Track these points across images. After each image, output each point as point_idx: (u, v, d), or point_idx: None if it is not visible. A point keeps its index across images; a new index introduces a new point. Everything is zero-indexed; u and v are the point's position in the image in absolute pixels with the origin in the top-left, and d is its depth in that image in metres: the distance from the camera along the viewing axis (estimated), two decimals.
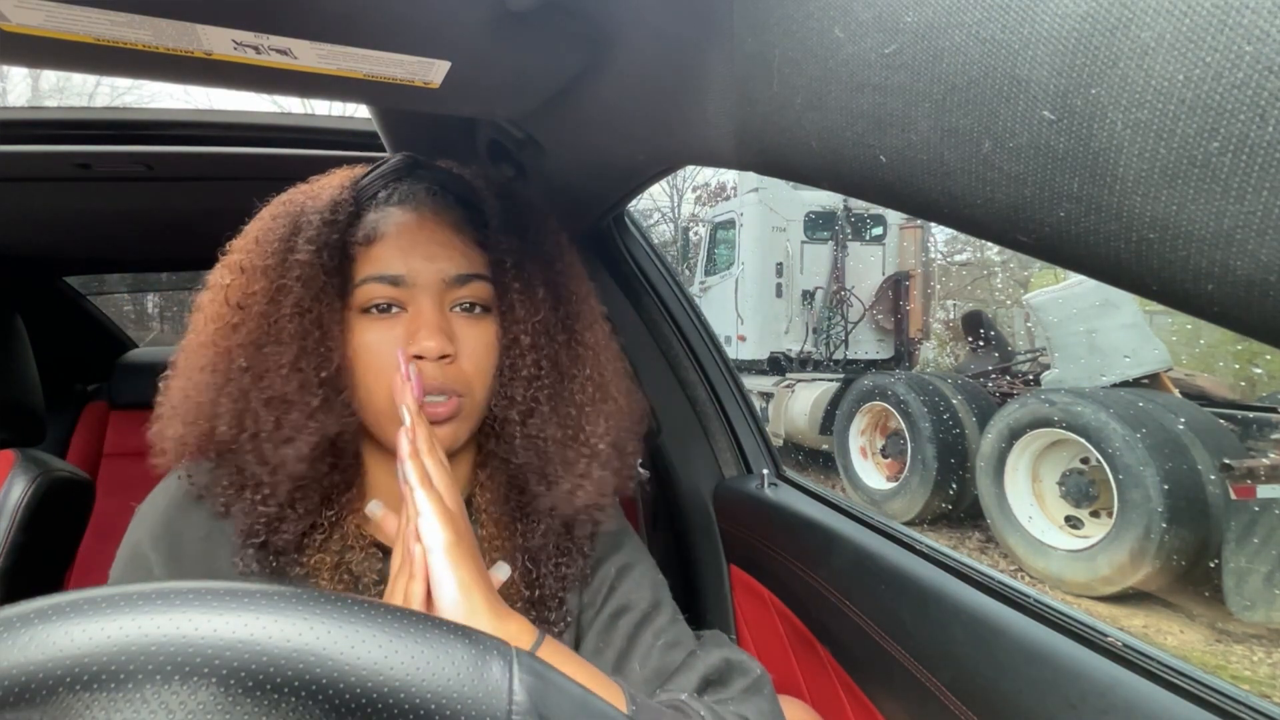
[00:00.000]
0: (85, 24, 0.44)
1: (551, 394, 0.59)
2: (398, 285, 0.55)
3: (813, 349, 6.71)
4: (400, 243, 0.56)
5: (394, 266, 0.55)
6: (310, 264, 0.55)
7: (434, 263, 0.56)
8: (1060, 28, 0.24)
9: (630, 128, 0.61)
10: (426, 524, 0.45)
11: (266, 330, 0.54)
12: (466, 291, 0.57)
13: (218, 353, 0.55)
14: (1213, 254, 0.22)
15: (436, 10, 0.46)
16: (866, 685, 0.74)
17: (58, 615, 0.25)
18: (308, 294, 0.54)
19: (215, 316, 0.57)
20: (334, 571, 0.57)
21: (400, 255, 0.56)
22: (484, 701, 0.26)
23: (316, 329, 0.54)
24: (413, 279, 0.55)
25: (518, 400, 0.58)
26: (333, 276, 0.56)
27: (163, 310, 13.43)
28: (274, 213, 0.60)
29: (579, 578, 0.63)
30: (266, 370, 0.54)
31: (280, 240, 0.57)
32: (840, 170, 0.37)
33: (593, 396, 0.61)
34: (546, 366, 0.59)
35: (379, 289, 0.55)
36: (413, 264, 0.56)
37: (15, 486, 1.03)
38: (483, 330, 0.58)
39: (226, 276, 0.58)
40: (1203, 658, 3.05)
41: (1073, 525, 3.86)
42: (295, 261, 0.55)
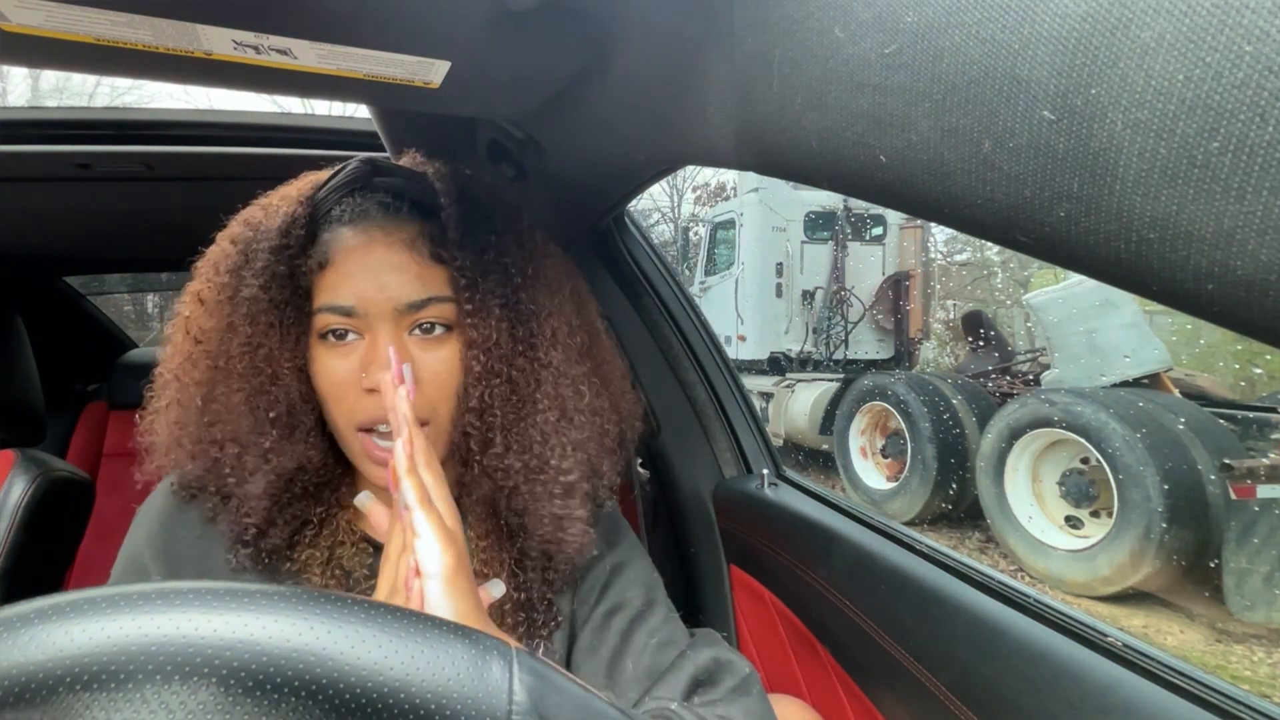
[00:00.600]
0: (85, 24, 0.44)
1: (508, 423, 0.56)
2: (350, 315, 0.53)
3: (813, 349, 6.71)
4: (349, 269, 0.53)
5: (344, 297, 0.53)
6: (256, 300, 0.53)
7: (384, 291, 0.53)
8: (1060, 28, 0.24)
9: (630, 128, 0.61)
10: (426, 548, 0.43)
11: (218, 369, 0.54)
12: (423, 315, 0.54)
13: (180, 388, 0.55)
14: (1213, 254, 0.22)
15: (436, 10, 0.46)
16: (866, 685, 0.74)
17: (58, 615, 0.25)
18: (256, 331, 0.53)
19: (178, 349, 0.57)
20: (325, 567, 0.56)
21: (350, 284, 0.53)
22: (484, 701, 0.26)
23: (267, 366, 0.53)
24: (364, 308, 0.53)
25: (472, 430, 0.56)
26: (284, 309, 0.54)
27: (163, 310, 13.41)
28: (230, 235, 0.58)
29: (568, 581, 0.62)
30: (220, 410, 0.54)
31: (230, 272, 0.55)
32: (840, 170, 0.37)
33: (555, 425, 0.57)
34: (503, 393, 0.56)
35: (332, 319, 0.54)
36: (363, 293, 0.53)
37: (15, 486, 1.03)
38: (444, 351, 0.55)
39: (188, 307, 0.58)
40: (1203, 658, 3.05)
41: (1073, 525, 3.86)
42: (243, 298, 0.54)
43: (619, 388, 0.67)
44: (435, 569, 0.43)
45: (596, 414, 0.61)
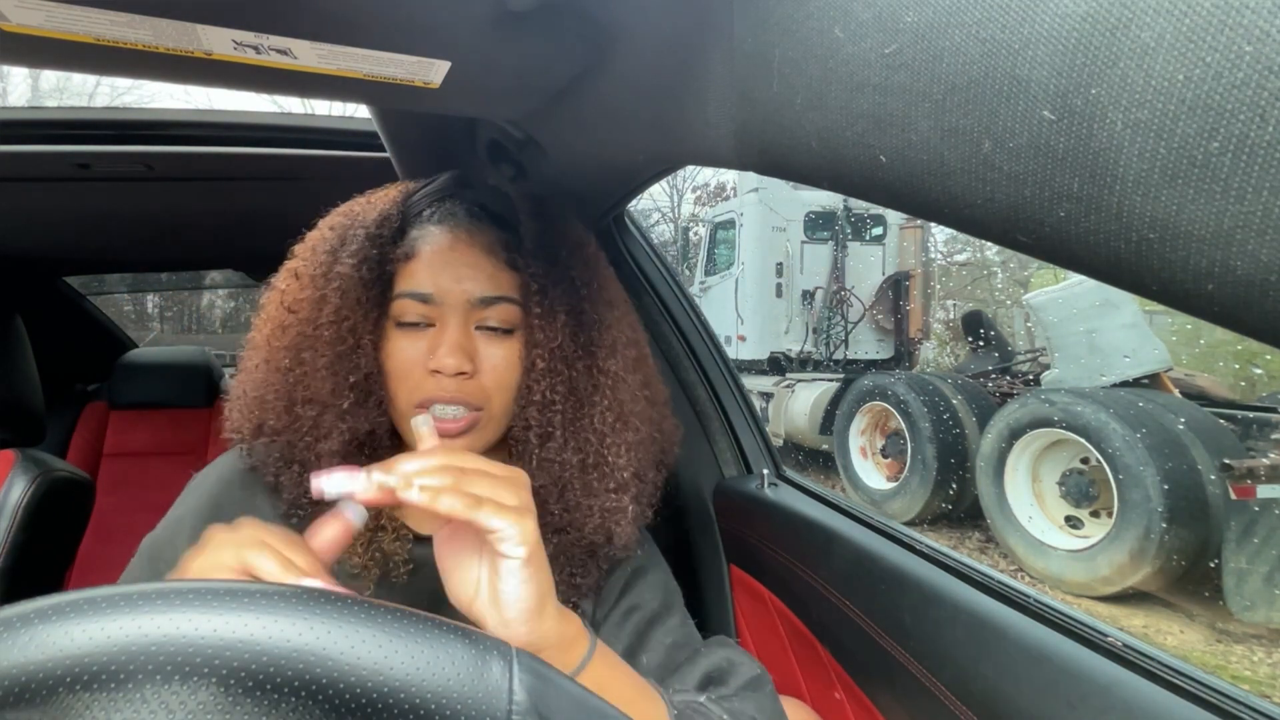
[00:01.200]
0: (85, 24, 0.44)
1: (567, 419, 0.60)
2: (427, 303, 0.59)
3: (813, 349, 6.71)
4: (433, 262, 0.59)
5: (424, 285, 0.59)
6: (349, 276, 0.59)
7: (461, 284, 0.59)
8: (1060, 28, 0.24)
9: (630, 128, 0.61)
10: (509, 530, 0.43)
11: (307, 335, 0.59)
12: (492, 313, 0.59)
13: (269, 352, 0.61)
14: (1213, 254, 0.22)
15: (436, 10, 0.46)
16: (866, 685, 0.74)
17: (58, 615, 0.25)
18: (345, 304, 0.58)
19: (271, 318, 0.62)
20: (367, 548, 0.60)
21: (431, 274, 0.59)
22: (484, 701, 0.26)
23: (350, 337, 0.58)
24: (441, 298, 0.58)
25: (533, 423, 0.60)
26: (370, 288, 0.59)
27: (163, 310, 13.45)
28: (330, 223, 0.65)
29: (593, 588, 0.64)
30: (305, 372, 0.59)
31: (328, 252, 0.61)
32: (840, 170, 0.37)
33: (613, 425, 0.61)
34: (563, 391, 0.60)
35: (410, 305, 0.59)
36: (442, 284, 0.59)
37: (15, 486, 1.03)
38: (506, 349, 0.60)
39: (284, 280, 0.64)
40: (1203, 658, 3.05)
41: (1073, 525, 3.86)
42: (337, 273, 0.59)
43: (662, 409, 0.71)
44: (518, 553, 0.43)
45: (647, 422, 0.65)
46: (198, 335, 13.13)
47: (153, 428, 2.03)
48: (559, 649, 0.46)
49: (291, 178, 1.17)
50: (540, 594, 0.44)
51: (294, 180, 1.18)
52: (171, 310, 13.60)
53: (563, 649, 0.46)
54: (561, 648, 0.46)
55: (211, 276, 3.38)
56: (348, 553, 0.60)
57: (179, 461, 2.02)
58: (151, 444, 2.02)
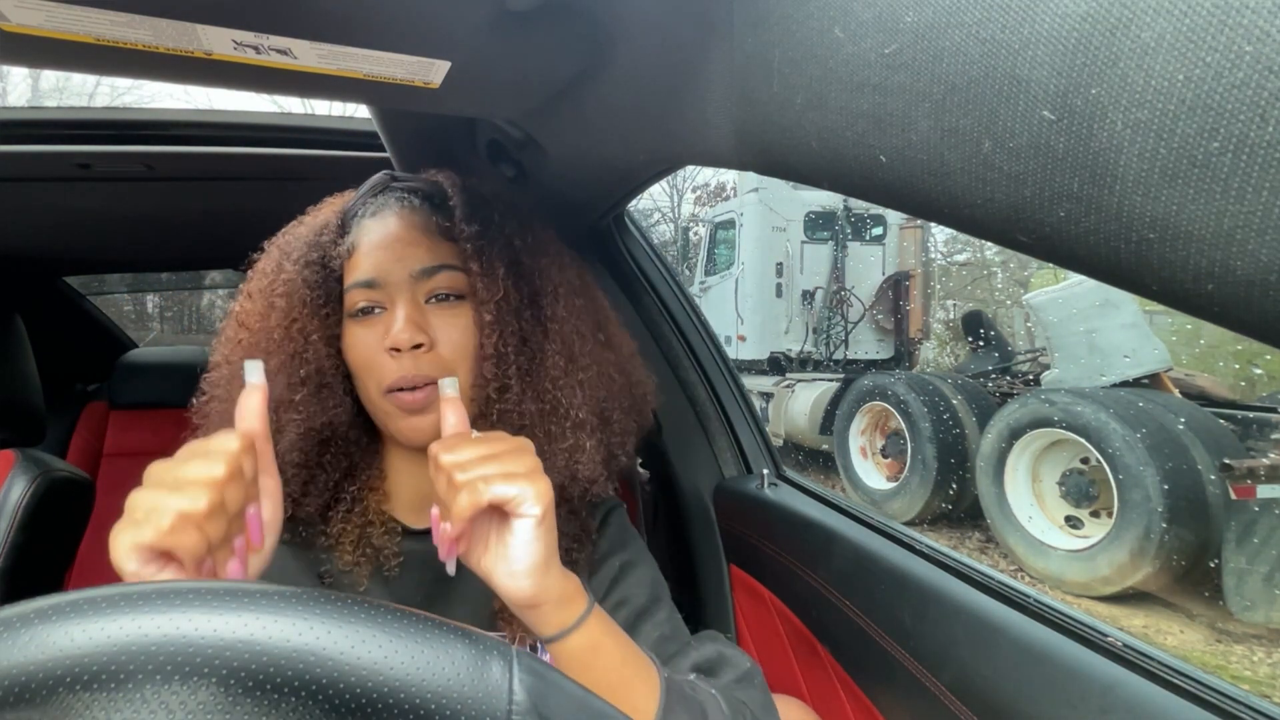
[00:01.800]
0: (85, 24, 0.44)
1: (522, 370, 0.61)
2: (373, 288, 0.60)
3: (813, 349, 6.71)
4: (371, 249, 0.62)
5: (367, 271, 0.61)
6: (292, 279, 0.62)
7: (401, 262, 0.60)
8: (1060, 28, 0.24)
9: (630, 128, 0.61)
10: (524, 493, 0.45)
11: (261, 343, 0.62)
12: (437, 282, 0.61)
13: (229, 368, 0.63)
14: (1213, 254, 0.22)
15: (436, 10, 0.46)
16: (866, 685, 0.73)
17: (58, 615, 0.25)
18: (292, 307, 0.61)
19: (228, 339, 0.65)
20: (356, 544, 0.62)
21: (371, 260, 0.61)
22: (484, 701, 0.26)
23: (300, 336, 0.61)
24: (384, 279, 0.60)
25: (490, 379, 0.61)
26: (316, 289, 0.62)
27: (163, 310, 13.45)
28: (274, 243, 0.68)
29: (588, 564, 0.66)
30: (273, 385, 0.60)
31: (273, 266, 0.65)
32: (840, 170, 0.37)
33: (564, 369, 0.63)
34: (514, 343, 0.61)
35: (358, 294, 0.61)
36: (382, 265, 0.61)
37: (15, 486, 1.03)
38: (458, 316, 0.61)
39: (239, 304, 0.67)
40: (1203, 658, 3.05)
41: (1073, 525, 3.86)
42: (281, 280, 0.63)
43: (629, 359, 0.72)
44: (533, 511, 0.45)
45: (602, 362, 0.67)
46: (198, 335, 13.12)
47: (153, 428, 2.03)
48: (559, 604, 0.48)
49: (291, 178, 1.17)
50: (548, 550, 0.46)
51: (294, 180, 1.18)
52: (171, 310, 13.60)
53: (562, 604, 0.48)
54: (561, 603, 0.48)
55: (211, 276, 3.38)
56: (339, 550, 0.62)
57: None
58: (151, 444, 2.02)
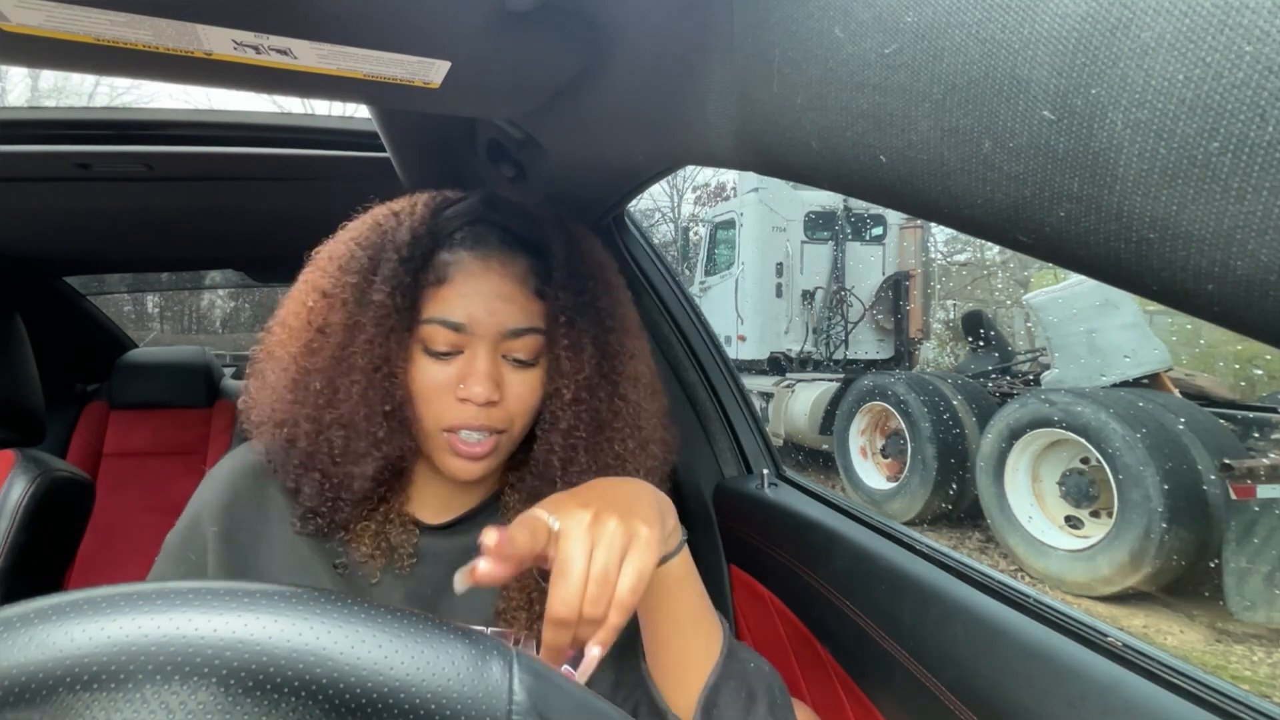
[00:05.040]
0: (85, 24, 0.44)
1: (589, 445, 0.62)
2: (458, 331, 0.59)
3: (813, 349, 6.71)
4: (466, 291, 0.59)
5: (457, 314, 0.58)
6: (384, 304, 0.58)
7: (494, 316, 0.59)
8: (1060, 28, 0.24)
9: (630, 128, 0.61)
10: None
11: (341, 360, 0.59)
12: (519, 345, 0.60)
13: (299, 371, 0.60)
14: (1213, 254, 0.22)
15: (436, 10, 0.46)
16: (866, 685, 0.73)
17: (58, 615, 0.25)
18: (379, 332, 0.58)
19: (296, 334, 0.61)
20: (374, 539, 0.62)
21: (464, 304, 0.59)
22: (484, 701, 0.26)
23: (385, 364, 0.58)
24: (473, 327, 0.58)
25: (556, 449, 0.61)
26: (403, 314, 0.59)
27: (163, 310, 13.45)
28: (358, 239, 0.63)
29: None
30: (339, 398, 0.59)
31: (358, 273, 0.60)
32: (840, 170, 0.37)
33: (633, 451, 0.63)
34: (586, 419, 0.61)
35: (441, 332, 0.59)
36: (475, 314, 0.58)
37: (15, 486, 1.03)
38: (530, 376, 0.61)
39: (310, 297, 0.62)
40: (1203, 658, 3.05)
41: (1073, 525, 3.86)
42: (371, 301, 0.59)
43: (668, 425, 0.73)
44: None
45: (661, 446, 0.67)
46: (198, 335, 13.13)
47: (153, 428, 2.03)
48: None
49: (291, 178, 1.17)
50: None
51: (294, 180, 1.18)
52: (171, 310, 13.60)
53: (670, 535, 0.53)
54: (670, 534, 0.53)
55: (211, 276, 3.38)
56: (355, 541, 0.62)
57: (179, 461, 2.02)
58: (151, 444, 2.02)
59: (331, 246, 0.64)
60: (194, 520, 0.63)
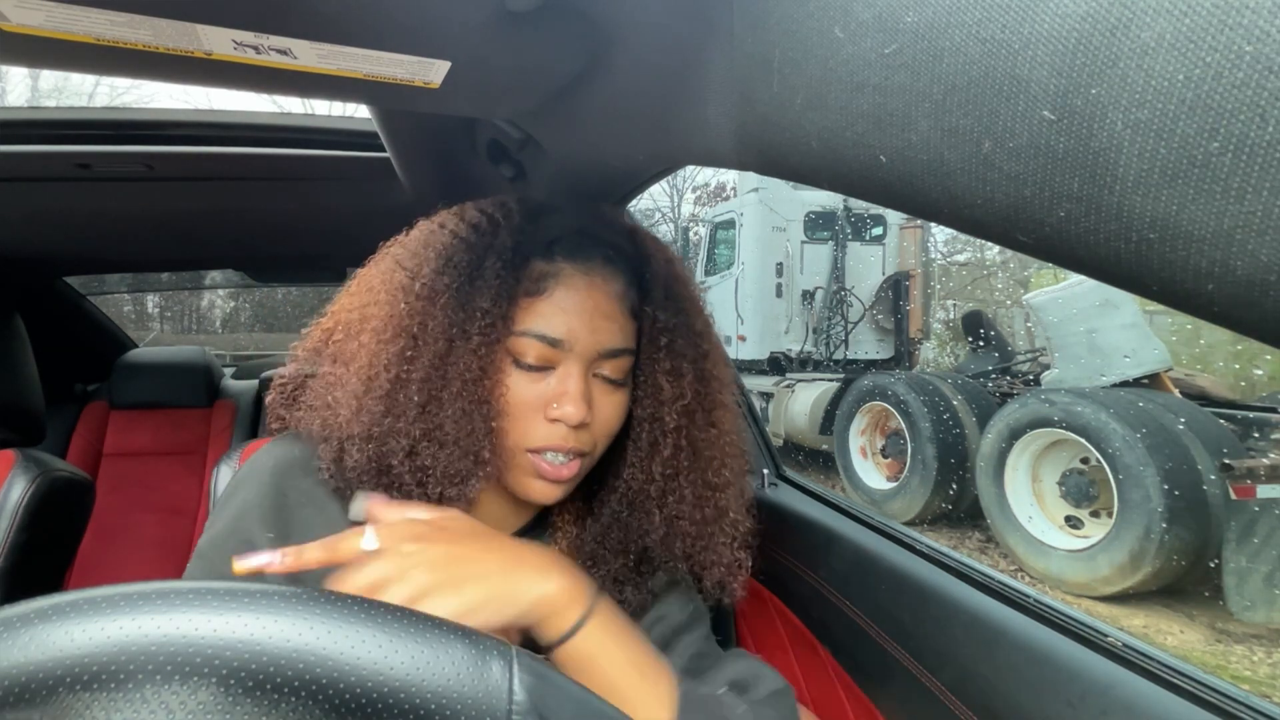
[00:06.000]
0: (85, 24, 0.44)
1: (689, 473, 0.60)
2: (555, 347, 0.55)
3: (813, 349, 6.71)
4: (568, 306, 0.56)
5: (557, 329, 0.55)
6: (490, 313, 0.54)
7: (595, 335, 0.56)
8: (1060, 28, 0.24)
9: (630, 128, 0.61)
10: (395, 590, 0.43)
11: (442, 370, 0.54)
12: (612, 365, 0.58)
13: (392, 381, 0.54)
14: (1213, 254, 0.22)
15: (436, 10, 0.46)
16: (866, 685, 0.73)
17: (58, 615, 0.25)
18: (484, 341, 0.54)
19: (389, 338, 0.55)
20: None
21: (565, 320, 0.55)
22: (484, 701, 0.26)
23: (485, 377, 0.55)
24: (571, 344, 0.55)
25: (655, 477, 0.59)
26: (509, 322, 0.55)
27: (163, 310, 13.46)
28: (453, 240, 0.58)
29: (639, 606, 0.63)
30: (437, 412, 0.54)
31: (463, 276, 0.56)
32: (840, 170, 0.37)
33: (728, 480, 0.62)
34: (686, 447, 0.60)
35: (537, 347, 0.55)
36: (576, 331, 0.55)
37: (15, 486, 1.03)
38: (617, 398, 0.59)
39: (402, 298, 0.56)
40: (1203, 658, 3.05)
41: (1073, 525, 3.86)
42: (478, 307, 0.54)
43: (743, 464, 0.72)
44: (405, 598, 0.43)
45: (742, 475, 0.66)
46: (198, 335, 13.13)
47: (153, 428, 2.03)
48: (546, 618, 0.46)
49: (291, 178, 1.17)
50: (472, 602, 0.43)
51: (294, 180, 1.18)
52: (171, 310, 13.60)
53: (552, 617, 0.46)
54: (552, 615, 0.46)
55: (211, 276, 3.38)
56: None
57: (179, 461, 2.02)
58: (151, 444, 2.02)
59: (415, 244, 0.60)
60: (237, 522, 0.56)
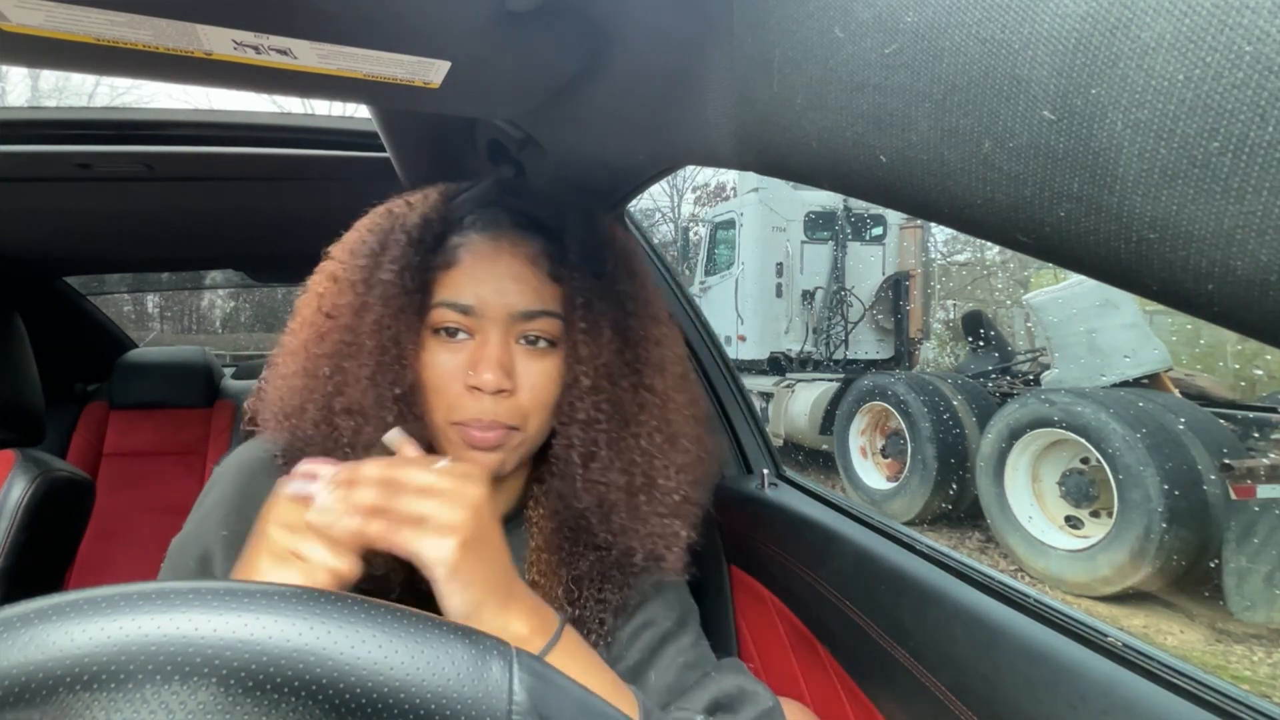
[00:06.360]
0: (85, 24, 0.44)
1: (612, 439, 0.59)
2: (467, 314, 0.57)
3: (813, 349, 6.71)
4: (475, 272, 0.57)
5: (465, 295, 0.57)
6: (392, 284, 0.57)
7: (504, 297, 0.57)
8: (1060, 28, 0.24)
9: (630, 128, 0.61)
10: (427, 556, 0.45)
11: (349, 343, 0.57)
12: (534, 326, 0.58)
13: (307, 358, 0.58)
14: (1213, 254, 0.22)
15: (436, 10, 0.46)
16: (866, 685, 0.73)
17: (58, 615, 0.25)
18: (388, 312, 0.56)
19: (308, 322, 0.60)
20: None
21: (473, 285, 0.57)
22: (484, 701, 0.26)
23: (394, 346, 0.56)
24: (481, 309, 0.57)
25: (576, 442, 0.58)
26: (413, 295, 0.57)
27: (163, 310, 13.46)
28: (369, 225, 0.62)
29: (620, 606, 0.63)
30: (346, 382, 0.56)
31: (368, 256, 0.59)
32: (840, 170, 0.37)
33: (661, 446, 0.60)
34: (607, 410, 0.58)
35: (449, 315, 0.57)
36: (483, 295, 0.57)
37: (15, 486, 1.03)
38: (546, 365, 0.58)
39: (322, 284, 0.61)
40: (1203, 658, 3.05)
41: (1073, 525, 3.86)
42: (379, 280, 0.57)
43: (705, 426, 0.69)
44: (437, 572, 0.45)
45: (695, 443, 0.64)
46: (198, 335, 13.13)
47: (153, 428, 2.03)
48: None
49: (291, 178, 1.17)
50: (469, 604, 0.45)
51: (294, 180, 1.18)
52: (171, 310, 13.60)
53: None
54: None
55: (211, 276, 3.38)
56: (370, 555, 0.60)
57: (179, 461, 2.02)
58: (151, 444, 2.02)
59: (346, 236, 0.63)
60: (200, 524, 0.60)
